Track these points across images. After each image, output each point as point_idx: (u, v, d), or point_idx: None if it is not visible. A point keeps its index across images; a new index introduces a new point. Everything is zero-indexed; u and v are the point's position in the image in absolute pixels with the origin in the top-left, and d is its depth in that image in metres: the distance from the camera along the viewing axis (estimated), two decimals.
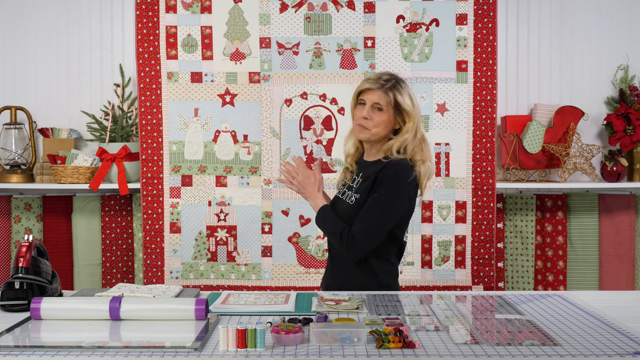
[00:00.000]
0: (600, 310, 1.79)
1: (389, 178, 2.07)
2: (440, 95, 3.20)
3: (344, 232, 2.10)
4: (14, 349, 1.43)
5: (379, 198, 2.07)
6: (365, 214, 2.08)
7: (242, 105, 3.21)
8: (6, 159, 3.30)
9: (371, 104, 2.12)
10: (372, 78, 2.16)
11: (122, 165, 3.19)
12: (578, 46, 3.40)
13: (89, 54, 3.42)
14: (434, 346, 1.45)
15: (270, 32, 3.21)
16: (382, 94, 2.11)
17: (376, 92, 2.11)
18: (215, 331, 1.57)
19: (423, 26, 3.20)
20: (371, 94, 2.12)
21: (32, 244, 1.89)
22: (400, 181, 2.09)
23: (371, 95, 2.12)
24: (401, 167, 2.09)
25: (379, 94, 2.11)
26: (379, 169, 2.10)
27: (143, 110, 3.21)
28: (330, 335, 1.46)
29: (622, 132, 3.26)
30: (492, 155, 3.21)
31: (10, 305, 1.81)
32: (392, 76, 2.15)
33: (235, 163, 3.23)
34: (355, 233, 2.07)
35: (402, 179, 2.09)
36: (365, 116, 2.12)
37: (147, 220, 3.22)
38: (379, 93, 2.11)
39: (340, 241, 2.11)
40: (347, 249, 2.10)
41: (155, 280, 3.22)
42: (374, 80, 2.14)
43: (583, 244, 3.31)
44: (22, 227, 3.29)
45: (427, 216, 3.22)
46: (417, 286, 3.23)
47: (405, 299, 1.94)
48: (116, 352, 1.41)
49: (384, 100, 2.11)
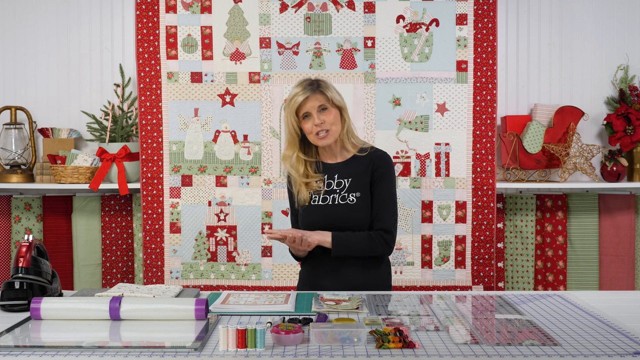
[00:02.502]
0: (600, 310, 1.79)
1: (387, 172, 2.24)
2: (440, 95, 3.20)
3: (374, 239, 2.18)
4: (14, 349, 1.43)
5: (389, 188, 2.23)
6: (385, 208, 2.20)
7: (242, 105, 3.22)
8: (6, 159, 3.30)
9: (316, 109, 2.19)
10: (300, 90, 2.21)
11: (122, 165, 3.19)
12: (578, 46, 3.40)
13: (89, 54, 3.42)
14: (434, 346, 1.45)
15: (270, 32, 3.21)
16: (319, 96, 2.20)
17: (313, 96, 2.19)
18: (215, 331, 1.57)
19: (423, 26, 3.20)
20: (311, 102, 2.20)
21: (32, 244, 1.89)
22: (393, 172, 2.28)
23: (311, 102, 2.20)
24: (388, 159, 2.27)
25: (316, 96, 2.19)
26: (369, 164, 2.23)
27: (143, 110, 3.21)
28: (330, 335, 1.46)
29: (622, 132, 3.26)
30: (492, 155, 3.21)
31: (10, 305, 1.81)
32: (312, 80, 2.25)
33: (235, 163, 3.23)
34: (388, 229, 2.19)
35: (393, 171, 2.28)
36: (317, 123, 2.19)
37: (147, 220, 3.22)
38: (316, 96, 2.19)
39: (374, 248, 2.19)
40: (388, 249, 2.21)
41: (155, 280, 3.22)
42: (303, 89, 2.21)
43: (583, 244, 3.31)
44: (22, 227, 3.29)
45: (427, 216, 3.22)
46: (417, 286, 3.23)
47: (405, 299, 1.94)
48: (116, 352, 1.41)
49: (323, 100, 2.19)
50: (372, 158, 2.23)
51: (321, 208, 2.23)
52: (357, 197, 2.19)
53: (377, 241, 2.17)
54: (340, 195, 2.21)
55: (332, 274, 2.22)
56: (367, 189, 2.20)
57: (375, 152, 2.26)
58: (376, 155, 2.24)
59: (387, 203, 2.20)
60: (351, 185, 2.21)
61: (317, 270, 2.26)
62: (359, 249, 2.17)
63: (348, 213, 2.19)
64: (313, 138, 2.22)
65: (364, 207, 2.19)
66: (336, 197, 2.22)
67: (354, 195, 2.19)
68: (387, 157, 2.26)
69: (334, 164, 2.28)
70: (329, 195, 2.23)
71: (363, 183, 2.20)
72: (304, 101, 2.19)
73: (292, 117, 2.23)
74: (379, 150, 2.28)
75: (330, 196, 2.23)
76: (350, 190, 2.20)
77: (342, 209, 2.20)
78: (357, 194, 2.20)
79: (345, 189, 2.21)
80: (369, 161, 2.23)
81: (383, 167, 2.22)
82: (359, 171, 2.22)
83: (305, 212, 2.26)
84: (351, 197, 2.19)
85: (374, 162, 2.22)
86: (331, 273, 2.22)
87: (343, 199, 2.20)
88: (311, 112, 2.19)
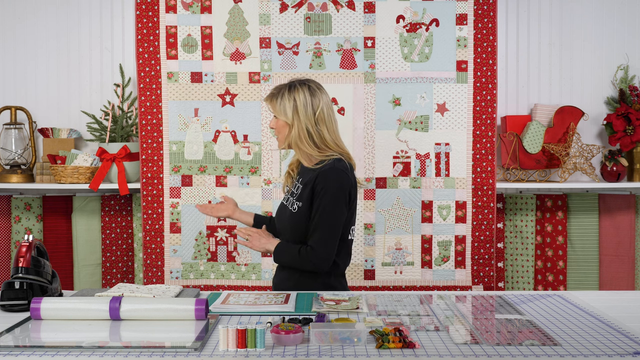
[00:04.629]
0: (600, 310, 1.79)
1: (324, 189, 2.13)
2: (440, 95, 3.20)
3: (302, 254, 2.17)
4: (14, 349, 1.43)
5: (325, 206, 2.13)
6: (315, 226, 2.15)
7: (242, 105, 3.22)
8: (6, 159, 3.30)
9: (273, 115, 2.27)
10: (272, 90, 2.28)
11: (122, 165, 3.19)
12: (578, 46, 3.40)
13: (89, 54, 3.42)
14: (434, 346, 1.45)
15: (270, 32, 3.21)
16: (270, 103, 2.25)
17: (269, 103, 2.26)
18: (215, 331, 1.57)
19: (423, 26, 3.20)
20: (269, 106, 2.27)
21: (32, 244, 1.89)
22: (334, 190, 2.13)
23: (270, 107, 2.27)
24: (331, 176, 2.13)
25: (271, 104, 2.26)
26: (314, 178, 2.16)
27: (143, 110, 3.21)
28: (330, 335, 1.46)
29: (622, 132, 3.26)
30: (492, 155, 3.21)
31: (10, 305, 1.81)
32: (286, 84, 2.25)
33: (235, 163, 3.23)
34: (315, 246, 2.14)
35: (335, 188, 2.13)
36: (271, 127, 2.28)
37: (147, 220, 3.22)
38: (270, 104, 2.26)
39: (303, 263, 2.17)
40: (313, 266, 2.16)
41: (155, 280, 3.22)
42: (270, 92, 2.27)
43: (583, 244, 3.31)
44: (22, 227, 3.29)
45: (427, 216, 3.22)
46: (417, 286, 3.23)
47: (405, 299, 1.94)
48: (116, 352, 1.41)
49: (273, 108, 2.24)
50: (317, 172, 2.16)
51: (280, 208, 2.32)
52: (299, 206, 2.19)
53: (304, 257, 2.15)
54: (292, 201, 2.25)
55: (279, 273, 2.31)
56: (308, 202, 2.17)
57: (325, 166, 2.16)
58: (321, 171, 2.15)
59: (318, 221, 2.13)
60: (299, 194, 2.22)
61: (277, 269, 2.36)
62: (289, 261, 2.21)
63: (288, 219, 2.23)
64: None
65: (301, 219, 2.17)
66: (291, 201, 2.25)
67: (297, 204, 2.20)
68: (331, 174, 2.13)
69: (305, 168, 2.28)
70: (289, 197, 2.28)
71: (306, 195, 2.17)
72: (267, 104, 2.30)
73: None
74: (333, 163, 2.16)
75: (289, 199, 2.27)
76: (297, 199, 2.22)
77: (286, 214, 2.25)
78: (299, 203, 2.19)
79: (296, 196, 2.23)
80: (314, 175, 2.17)
81: (322, 183, 2.12)
82: (307, 182, 2.19)
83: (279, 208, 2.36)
84: (295, 205, 2.21)
85: (317, 177, 2.15)
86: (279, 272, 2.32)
87: (291, 205, 2.24)
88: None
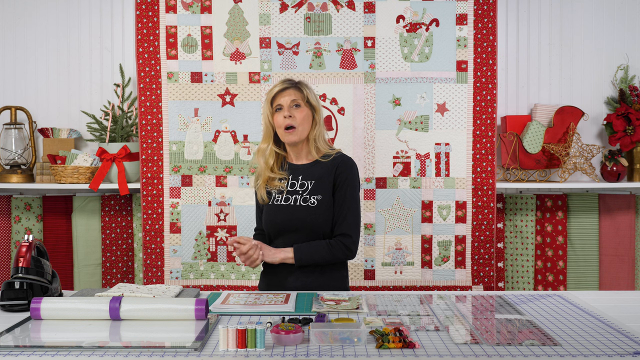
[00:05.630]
0: (600, 310, 1.79)
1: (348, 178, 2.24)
2: (440, 95, 3.20)
3: (333, 246, 2.19)
4: (14, 349, 1.43)
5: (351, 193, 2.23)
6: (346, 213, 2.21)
7: (242, 105, 3.21)
8: (6, 159, 3.30)
9: (289, 103, 2.23)
10: (279, 83, 2.28)
11: (122, 165, 3.19)
12: (578, 46, 3.40)
13: (89, 54, 3.42)
14: (434, 346, 1.45)
15: (270, 32, 3.21)
16: (296, 91, 2.24)
17: (289, 90, 2.24)
18: (215, 331, 1.57)
19: (423, 26, 3.20)
20: (286, 95, 2.24)
21: (32, 244, 1.89)
22: (356, 178, 2.29)
23: (286, 97, 2.23)
24: (352, 165, 2.28)
25: (293, 91, 2.24)
26: (333, 169, 2.23)
27: (143, 110, 3.21)
28: (330, 335, 1.46)
29: (622, 132, 3.26)
30: (492, 155, 3.21)
31: (10, 305, 1.81)
32: (294, 79, 2.30)
33: (235, 163, 3.23)
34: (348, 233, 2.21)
35: (356, 177, 2.28)
36: (286, 115, 2.22)
37: (147, 220, 3.22)
38: (292, 91, 2.24)
39: (335, 254, 2.20)
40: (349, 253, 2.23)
41: (155, 280, 3.22)
42: (282, 82, 2.27)
43: (583, 244, 3.31)
44: (22, 227, 3.29)
45: (427, 216, 3.22)
46: (417, 286, 3.23)
47: (405, 299, 1.94)
48: (116, 352, 1.41)
49: (298, 96, 2.23)
50: (336, 163, 2.25)
51: (283, 208, 2.26)
52: (319, 200, 2.21)
53: (337, 247, 2.20)
54: (302, 197, 2.24)
55: (291, 275, 2.24)
56: (329, 193, 2.23)
57: (340, 157, 2.28)
58: (340, 160, 2.26)
59: (348, 208, 2.22)
60: (314, 187, 2.24)
61: (276, 270, 2.28)
62: (320, 258, 2.20)
63: (308, 215, 2.22)
64: (281, 132, 2.25)
65: (324, 211, 2.21)
66: (298, 198, 2.24)
67: (316, 197, 2.22)
68: (350, 162, 2.27)
69: (299, 165, 2.30)
70: (291, 195, 2.26)
71: (326, 187, 2.23)
72: (280, 93, 2.25)
73: (267, 108, 2.28)
74: (344, 155, 2.30)
75: (293, 197, 2.25)
76: (313, 193, 2.23)
77: (302, 211, 2.23)
78: (318, 196, 2.22)
79: (307, 191, 2.24)
80: (333, 166, 2.25)
81: (345, 173, 2.23)
82: (323, 174, 2.24)
83: (267, 211, 2.30)
84: (312, 199, 2.22)
85: (337, 167, 2.24)
86: (290, 275, 2.24)
87: (305, 201, 2.23)
88: (283, 105, 2.23)
